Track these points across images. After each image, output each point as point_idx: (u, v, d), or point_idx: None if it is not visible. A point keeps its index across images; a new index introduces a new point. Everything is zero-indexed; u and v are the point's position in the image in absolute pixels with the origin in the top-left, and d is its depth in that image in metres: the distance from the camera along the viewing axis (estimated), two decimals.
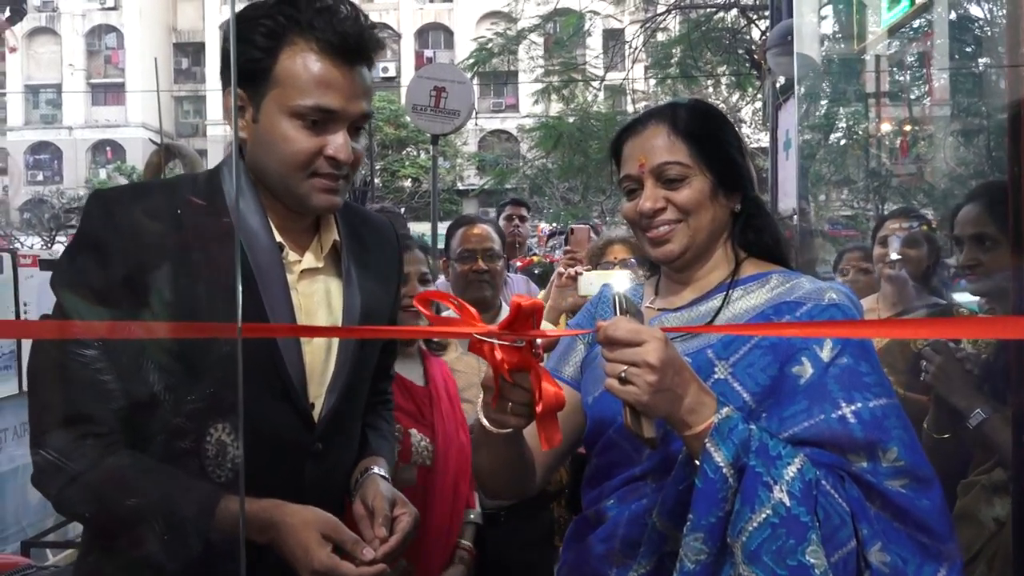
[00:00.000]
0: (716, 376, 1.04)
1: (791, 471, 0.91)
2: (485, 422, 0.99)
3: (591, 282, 2.29)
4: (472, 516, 1.93)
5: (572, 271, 2.51)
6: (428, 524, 1.73)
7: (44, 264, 2.59)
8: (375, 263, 1.24)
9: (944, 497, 0.98)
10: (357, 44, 1.07)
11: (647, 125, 1.14)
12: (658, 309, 1.17)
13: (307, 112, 1.05)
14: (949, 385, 1.63)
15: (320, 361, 1.16)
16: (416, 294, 1.70)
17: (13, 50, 20.62)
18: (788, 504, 0.89)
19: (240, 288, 1.05)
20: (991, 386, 1.56)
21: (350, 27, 1.06)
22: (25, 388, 2.24)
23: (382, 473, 1.21)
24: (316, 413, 1.15)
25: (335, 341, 1.17)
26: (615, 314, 0.95)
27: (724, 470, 0.91)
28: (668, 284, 1.18)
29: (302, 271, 1.15)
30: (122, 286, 1.00)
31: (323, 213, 1.16)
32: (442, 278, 2.63)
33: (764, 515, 0.90)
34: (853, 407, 0.98)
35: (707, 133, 1.12)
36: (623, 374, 0.89)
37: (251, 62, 1.05)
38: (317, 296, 1.16)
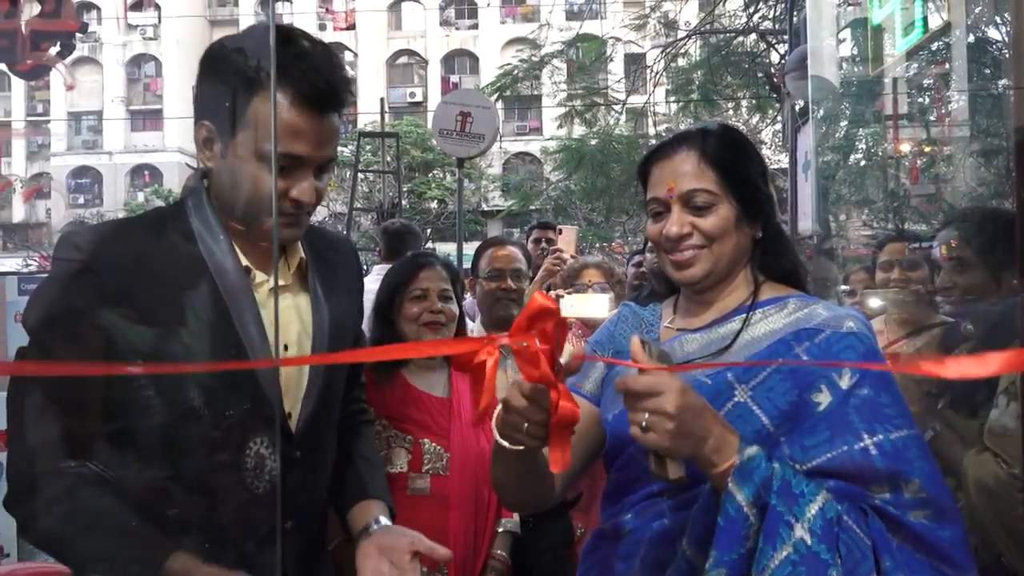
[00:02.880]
0: (736, 399, 1.06)
1: (813, 509, 0.93)
2: (498, 437, 0.99)
3: (571, 305, 2.45)
4: (508, 526, 1.92)
5: (553, 294, 2.71)
6: (448, 532, 1.76)
7: None
8: (340, 279, 1.29)
9: (965, 528, 0.99)
10: (329, 95, 1.09)
11: (677, 150, 1.14)
12: (677, 329, 1.19)
13: (281, 159, 1.07)
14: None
15: (295, 373, 1.20)
16: (435, 309, 1.82)
17: (71, 88, 21.26)
18: (809, 542, 0.91)
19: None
20: (948, 403, 1.60)
21: (324, 77, 1.08)
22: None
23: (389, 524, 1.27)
24: (293, 423, 1.18)
25: (308, 354, 1.21)
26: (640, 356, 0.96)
27: (745, 509, 0.94)
28: (688, 305, 1.20)
29: (270, 290, 1.17)
30: (96, 320, 1.03)
31: (285, 243, 1.20)
32: (468, 296, 2.77)
33: (785, 553, 0.91)
34: (875, 439, 0.99)
35: (736, 161, 1.13)
36: (644, 423, 0.92)
37: (225, 100, 1.07)
38: (288, 312, 1.20)
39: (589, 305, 2.41)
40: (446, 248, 10.69)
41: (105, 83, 24.38)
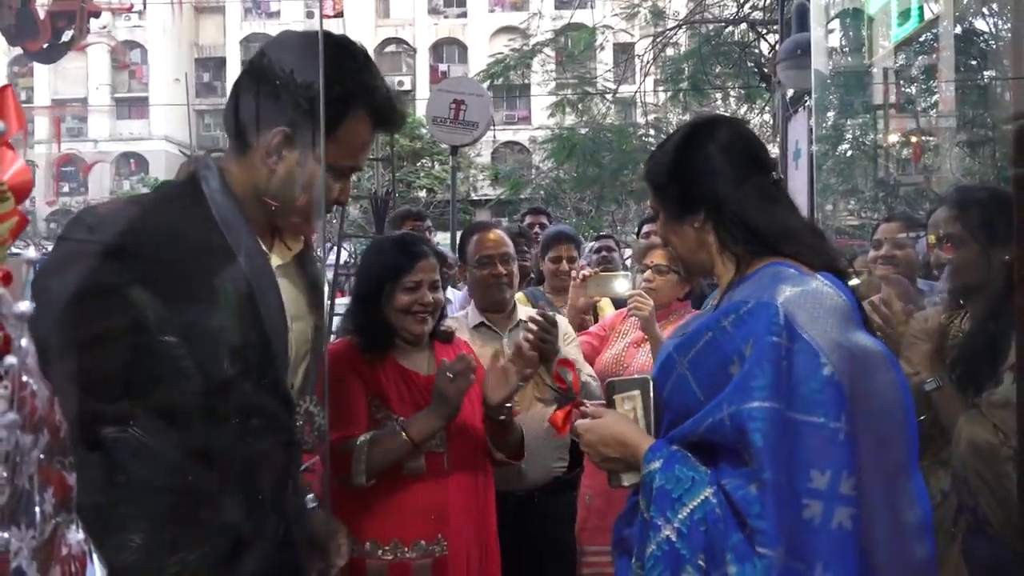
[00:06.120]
0: (677, 371, 1.19)
1: (684, 512, 1.09)
2: None
3: (597, 284, 2.68)
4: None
5: (584, 273, 2.76)
6: (448, 507, 1.79)
7: None
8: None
9: (783, 508, 1.05)
10: (398, 123, 1.27)
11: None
12: (713, 308, 1.32)
13: (346, 170, 1.22)
14: (911, 346, 1.69)
15: (296, 347, 1.29)
16: (426, 301, 1.82)
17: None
18: (673, 539, 1.10)
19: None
20: (960, 371, 1.65)
21: (396, 106, 1.24)
22: None
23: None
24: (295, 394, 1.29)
25: (306, 331, 1.31)
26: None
27: (645, 515, 1.15)
28: None
29: (275, 267, 1.26)
30: (127, 298, 1.07)
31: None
32: (463, 287, 2.80)
33: (651, 549, 1.11)
34: (731, 409, 1.08)
35: (652, 178, 1.32)
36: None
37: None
38: (291, 290, 1.28)
39: (613, 284, 2.62)
40: (437, 237, 10.70)
41: (90, 70, 24.10)
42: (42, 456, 0.51)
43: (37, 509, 0.50)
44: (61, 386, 1.05)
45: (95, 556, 0.54)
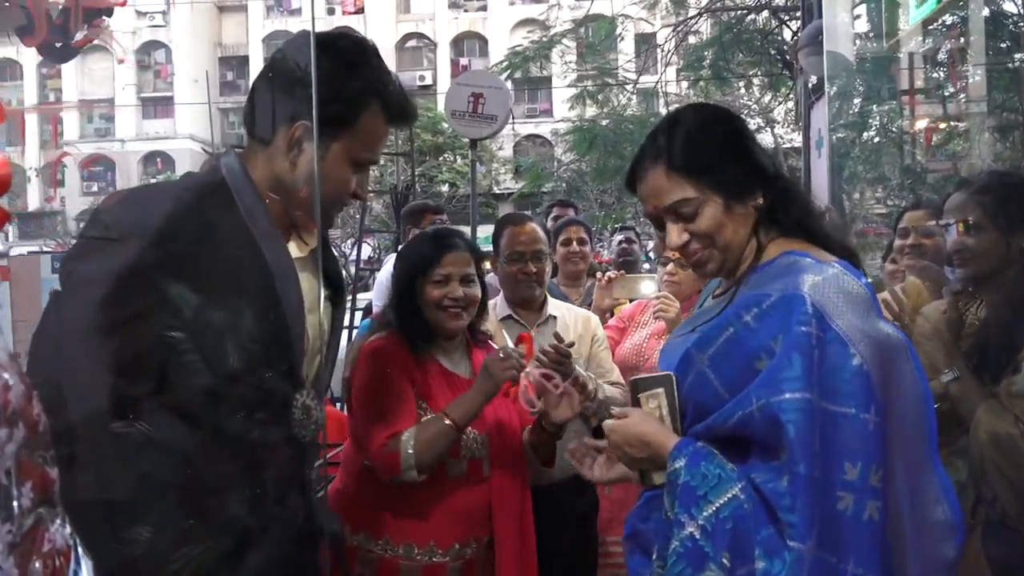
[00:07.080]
0: (696, 368, 1.15)
1: (710, 509, 1.06)
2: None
3: (623, 286, 2.76)
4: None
5: (609, 275, 2.80)
6: (491, 509, 1.79)
7: None
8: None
9: (815, 500, 1.02)
10: (411, 117, 1.32)
11: (646, 168, 1.20)
12: (714, 296, 1.28)
13: (364, 163, 1.26)
14: (918, 346, 1.62)
15: (314, 338, 1.30)
16: (456, 296, 1.78)
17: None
18: (697, 536, 1.07)
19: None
20: (976, 360, 1.60)
21: (407, 98, 1.28)
22: None
23: None
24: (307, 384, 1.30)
25: (321, 324, 1.32)
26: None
27: (669, 514, 1.12)
28: None
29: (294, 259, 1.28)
30: (159, 287, 1.09)
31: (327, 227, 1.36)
32: (492, 275, 2.80)
33: (674, 545, 1.08)
34: (761, 402, 1.04)
35: (703, 156, 1.16)
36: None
37: (336, 109, 1.18)
38: (308, 281, 1.29)
39: (638, 287, 2.73)
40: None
41: (116, 71, 24.47)
42: (23, 451, 0.51)
43: (15, 503, 0.50)
44: (77, 379, 1.07)
45: (79, 550, 0.54)
